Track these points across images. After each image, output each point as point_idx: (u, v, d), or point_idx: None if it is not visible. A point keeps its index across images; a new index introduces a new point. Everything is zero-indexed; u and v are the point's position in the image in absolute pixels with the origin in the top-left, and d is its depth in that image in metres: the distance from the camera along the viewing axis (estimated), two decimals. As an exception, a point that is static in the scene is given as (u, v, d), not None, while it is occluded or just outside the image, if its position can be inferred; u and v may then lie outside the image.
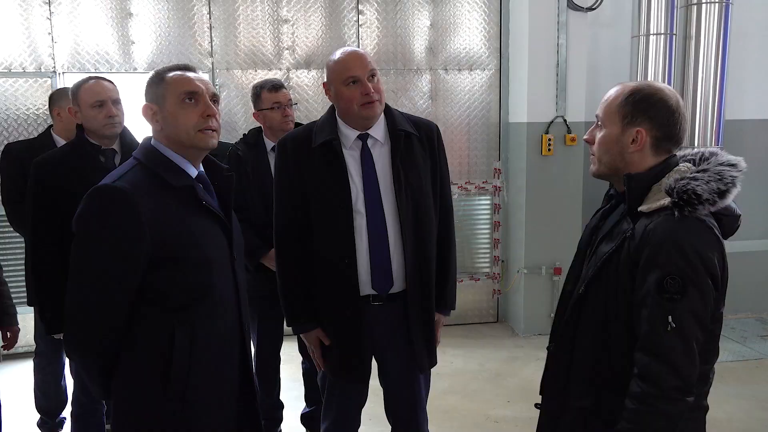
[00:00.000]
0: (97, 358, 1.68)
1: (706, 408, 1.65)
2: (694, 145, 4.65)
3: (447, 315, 2.48)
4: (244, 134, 3.22)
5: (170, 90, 1.70)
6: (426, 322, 2.33)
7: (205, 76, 4.54)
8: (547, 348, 1.85)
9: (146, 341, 1.66)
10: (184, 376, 1.66)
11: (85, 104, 2.57)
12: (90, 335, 1.64)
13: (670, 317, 1.47)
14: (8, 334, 2.72)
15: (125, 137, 2.69)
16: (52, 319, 2.55)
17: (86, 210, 1.61)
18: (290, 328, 2.40)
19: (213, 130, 1.73)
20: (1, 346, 2.75)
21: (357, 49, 2.25)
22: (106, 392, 1.73)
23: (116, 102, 2.61)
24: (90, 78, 2.65)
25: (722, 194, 1.52)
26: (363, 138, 2.24)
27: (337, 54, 2.21)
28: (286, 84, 4.68)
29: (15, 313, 2.74)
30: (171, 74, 1.73)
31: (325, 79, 2.26)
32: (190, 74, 1.74)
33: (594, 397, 1.65)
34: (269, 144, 3.08)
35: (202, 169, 1.81)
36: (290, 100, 3.12)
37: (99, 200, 1.61)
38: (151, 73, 1.80)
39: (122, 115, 2.64)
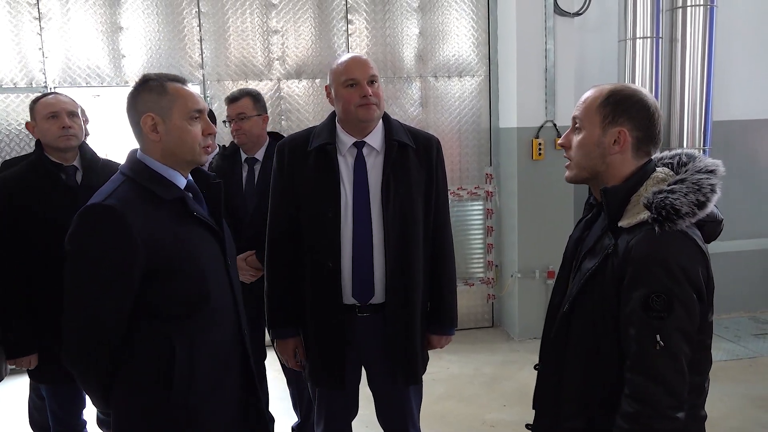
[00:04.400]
0: (96, 372, 1.68)
1: (704, 417, 1.62)
2: (682, 146, 4.69)
3: (446, 335, 2.42)
4: (224, 146, 3.22)
5: (179, 104, 1.70)
6: (407, 337, 2.28)
7: (197, 89, 4.60)
8: (535, 367, 1.82)
9: (146, 352, 1.67)
10: (186, 384, 1.67)
11: (40, 117, 2.55)
12: (87, 350, 1.65)
13: (658, 336, 1.44)
14: None
15: (86, 153, 2.63)
16: (15, 343, 2.51)
17: (78, 229, 1.62)
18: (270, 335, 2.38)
19: (208, 147, 1.77)
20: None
21: (361, 55, 2.27)
22: (107, 403, 1.74)
23: (72, 114, 2.56)
24: (49, 93, 2.65)
25: (702, 205, 1.48)
26: (359, 146, 2.25)
27: (341, 58, 2.25)
28: (277, 94, 4.76)
29: None
30: (173, 86, 1.72)
31: (328, 83, 2.28)
32: (191, 89, 1.76)
33: (586, 418, 1.62)
34: (243, 156, 3.11)
35: (190, 177, 1.81)
36: (239, 113, 3.03)
37: (90, 219, 1.61)
38: (140, 80, 1.75)
39: (79, 129, 2.58)
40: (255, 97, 3.08)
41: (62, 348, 1.67)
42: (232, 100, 3.08)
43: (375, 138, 2.26)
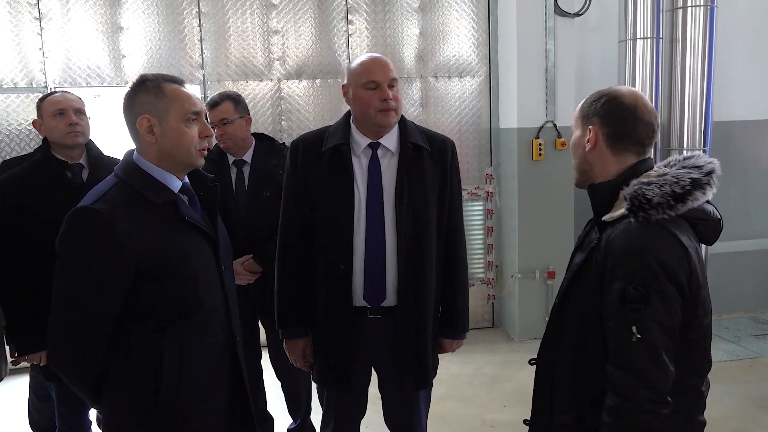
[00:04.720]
0: (90, 372, 1.67)
1: (703, 423, 1.60)
2: (682, 146, 4.69)
3: (458, 339, 2.42)
4: (209, 149, 3.18)
5: (176, 106, 1.68)
6: (418, 340, 2.26)
7: (197, 89, 4.61)
8: (530, 362, 1.82)
9: (137, 353, 1.66)
10: (176, 386, 1.67)
11: (47, 114, 2.57)
12: (83, 351, 1.64)
13: (634, 328, 1.43)
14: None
15: (91, 151, 2.65)
16: (20, 341, 2.52)
17: (66, 232, 1.61)
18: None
19: (204, 150, 1.75)
20: (10, 361, 2.69)
21: (381, 56, 2.24)
22: (98, 401, 1.73)
23: (79, 112, 2.60)
24: (56, 92, 2.67)
25: (680, 198, 1.47)
26: (374, 147, 2.23)
27: (361, 58, 2.21)
28: (277, 94, 4.76)
29: None
30: (170, 87, 1.70)
31: (345, 82, 2.25)
32: (188, 90, 1.74)
33: (576, 413, 1.61)
34: (230, 159, 3.07)
35: (186, 180, 1.80)
36: (222, 119, 2.96)
37: (79, 222, 1.60)
38: (137, 81, 1.72)
39: (86, 127, 2.61)
40: (235, 100, 3.03)
41: (55, 349, 1.66)
42: (212, 105, 3.02)
43: (390, 139, 2.23)
